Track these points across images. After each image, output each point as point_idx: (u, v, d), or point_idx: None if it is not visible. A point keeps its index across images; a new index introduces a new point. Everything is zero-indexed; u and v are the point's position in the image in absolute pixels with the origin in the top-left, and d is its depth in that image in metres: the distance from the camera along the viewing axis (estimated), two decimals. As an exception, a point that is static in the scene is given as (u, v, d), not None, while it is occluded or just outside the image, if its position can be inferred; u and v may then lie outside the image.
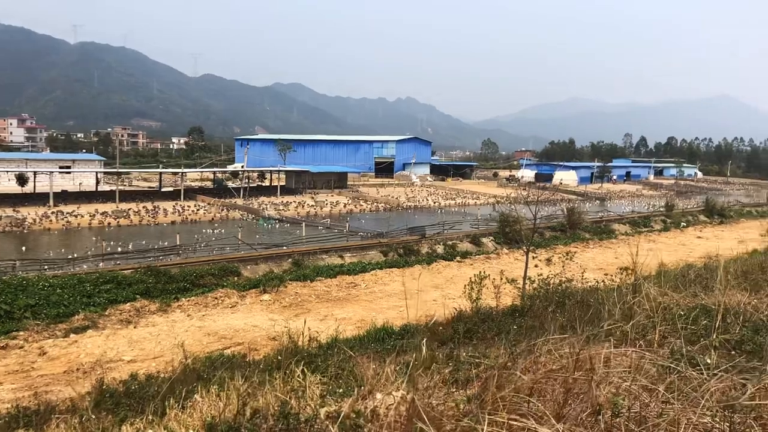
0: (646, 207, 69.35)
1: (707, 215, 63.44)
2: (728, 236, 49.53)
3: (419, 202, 67.57)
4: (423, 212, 60.09)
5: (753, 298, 8.28)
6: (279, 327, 19.23)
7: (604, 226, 50.25)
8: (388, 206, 62.67)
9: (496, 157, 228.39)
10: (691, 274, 12.54)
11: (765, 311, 7.20)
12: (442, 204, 67.48)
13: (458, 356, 6.52)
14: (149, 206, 52.74)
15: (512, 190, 73.72)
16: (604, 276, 19.49)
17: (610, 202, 78.78)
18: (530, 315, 11.72)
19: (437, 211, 61.43)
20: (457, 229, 43.38)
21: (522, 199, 43.84)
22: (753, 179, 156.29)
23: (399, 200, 66.36)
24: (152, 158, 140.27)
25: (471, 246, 39.20)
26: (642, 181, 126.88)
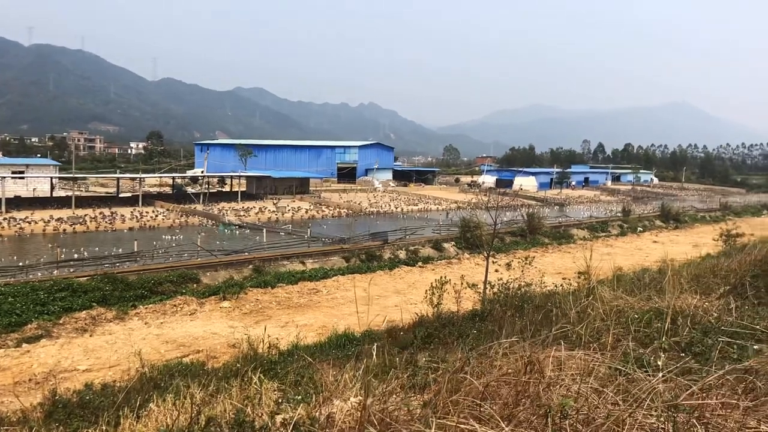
0: (604, 212, 70.72)
1: (663, 220, 65.01)
2: (683, 241, 50.84)
3: (382, 207, 67.68)
4: (385, 218, 60.17)
5: (704, 301, 8.52)
6: (239, 334, 19.02)
7: (563, 231, 51.09)
8: (351, 212, 62.62)
9: (458, 162, 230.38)
10: (646, 278, 12.82)
11: (715, 314, 7.42)
12: (405, 209, 67.71)
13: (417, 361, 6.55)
14: (106, 212, 51.65)
15: (473, 196, 74.49)
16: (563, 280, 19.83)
17: (569, 208, 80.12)
18: (490, 319, 11.84)
19: (400, 216, 61.61)
20: (420, 235, 43.56)
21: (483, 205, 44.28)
22: (707, 185, 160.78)
23: (361, 206, 66.37)
24: (110, 163, 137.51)
25: (433, 251, 39.42)
26: (600, 187, 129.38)
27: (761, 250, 13.21)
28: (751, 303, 9.00)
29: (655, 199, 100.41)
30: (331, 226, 51.50)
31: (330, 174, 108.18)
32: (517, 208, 67.69)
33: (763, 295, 9.67)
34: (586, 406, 3.02)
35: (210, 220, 51.50)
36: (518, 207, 69.19)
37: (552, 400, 2.97)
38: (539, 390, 3.10)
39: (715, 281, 11.20)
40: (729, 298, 9.09)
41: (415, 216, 62.30)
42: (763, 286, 10.23)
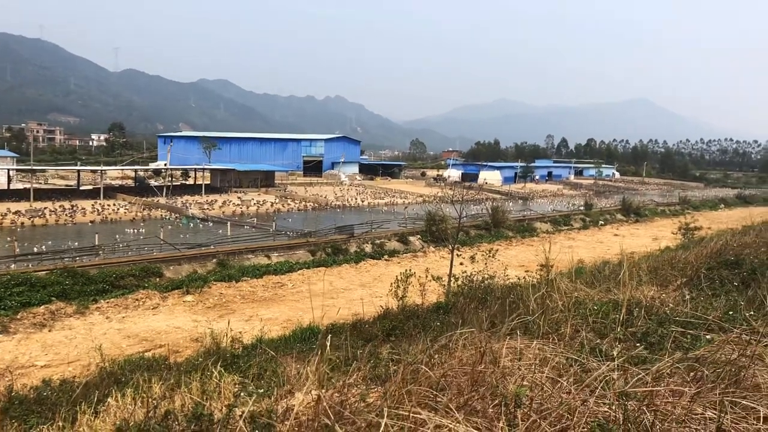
0: (567, 206, 71.79)
1: (624, 214, 66.28)
2: (643, 234, 51.93)
3: (348, 201, 67.58)
4: (352, 211, 60.13)
5: (661, 293, 8.73)
6: (202, 328, 18.82)
7: (526, 225, 51.71)
8: (317, 205, 62.40)
9: (425, 156, 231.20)
10: (605, 271, 13.06)
11: (671, 304, 7.60)
12: (371, 203, 67.73)
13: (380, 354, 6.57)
14: (66, 205, 50.52)
15: (439, 190, 74.86)
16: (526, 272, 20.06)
17: (533, 202, 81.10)
18: (454, 311, 11.94)
19: (366, 210, 61.61)
20: (386, 228, 43.64)
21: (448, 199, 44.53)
22: (667, 179, 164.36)
23: (327, 199, 66.18)
24: (70, 155, 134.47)
25: (399, 244, 39.54)
26: (563, 181, 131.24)
27: (717, 243, 13.56)
28: (706, 294, 9.21)
29: (617, 193, 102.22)
30: (296, 219, 51.25)
31: (296, 167, 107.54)
32: (481, 201, 68.28)
33: (717, 286, 9.92)
34: (540, 395, 3.08)
35: (173, 213, 50.78)
36: (483, 201, 69.81)
37: (507, 390, 3.02)
38: (494, 380, 3.14)
39: (672, 273, 11.46)
40: (685, 289, 9.32)
41: (381, 209, 62.37)
42: (717, 277, 10.49)
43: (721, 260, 11.49)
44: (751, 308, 6.82)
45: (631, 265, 11.49)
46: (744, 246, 12.76)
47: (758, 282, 8.92)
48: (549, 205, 73.44)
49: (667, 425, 2.85)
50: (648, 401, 3.02)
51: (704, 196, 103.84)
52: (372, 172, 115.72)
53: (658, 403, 3.02)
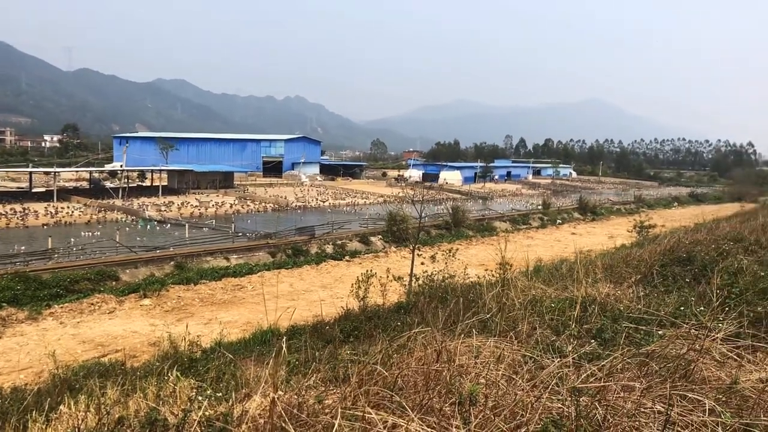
0: (525, 205, 72.76)
1: (581, 213, 67.51)
2: (600, 232, 52.97)
3: (309, 202, 67.24)
4: (313, 212, 59.86)
5: (616, 290, 8.90)
6: (160, 332, 18.51)
7: (486, 224, 52.23)
8: (277, 206, 61.92)
9: (385, 157, 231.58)
10: (563, 269, 13.28)
11: (625, 301, 7.77)
12: (332, 204, 67.51)
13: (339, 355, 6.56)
14: (18, 208, 49.04)
15: (400, 190, 75.07)
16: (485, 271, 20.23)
17: (493, 201, 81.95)
18: (414, 311, 11.98)
19: (327, 210, 61.38)
20: (347, 229, 43.55)
21: (409, 199, 44.73)
22: (622, 179, 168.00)
23: (288, 200, 65.73)
24: (22, 157, 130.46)
25: (360, 245, 39.51)
26: (522, 181, 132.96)
27: (670, 241, 13.91)
28: (659, 291, 9.44)
29: (574, 192, 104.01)
30: (256, 221, 50.77)
31: (255, 168, 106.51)
32: (442, 201, 68.70)
33: (670, 282, 10.17)
34: (495, 392, 3.12)
35: (130, 215, 49.78)
36: (443, 201, 70.25)
37: (463, 388, 3.06)
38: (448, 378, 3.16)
39: (627, 270, 11.71)
40: (639, 286, 9.54)
41: (343, 210, 62.23)
42: (670, 274, 10.77)
43: (673, 257, 11.80)
44: (701, 304, 7.02)
45: (587, 263, 11.72)
46: (696, 243, 13.11)
47: (708, 278, 9.18)
48: (508, 205, 74.27)
49: (618, 419, 2.92)
50: (600, 396, 3.08)
51: (658, 194, 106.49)
52: (333, 172, 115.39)
53: (610, 398, 3.09)
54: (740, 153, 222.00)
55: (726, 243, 13.00)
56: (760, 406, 3.37)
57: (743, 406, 3.47)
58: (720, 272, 9.06)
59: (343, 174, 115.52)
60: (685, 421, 3.02)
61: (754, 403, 3.42)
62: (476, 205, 70.79)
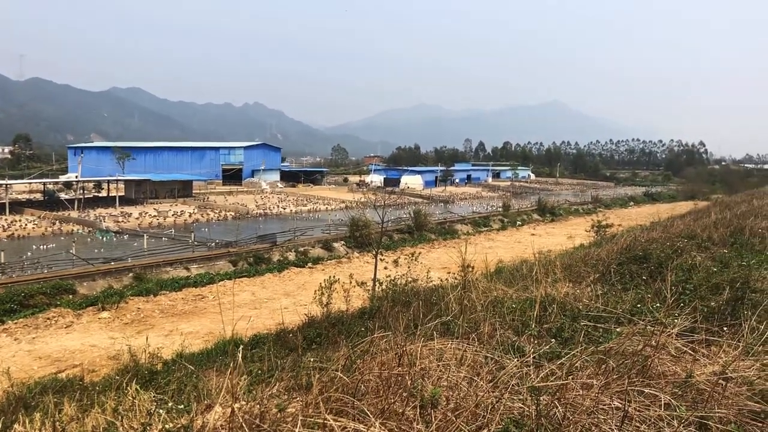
0: (486, 208, 73.45)
1: (540, 214, 68.47)
2: (559, 233, 53.78)
3: (270, 209, 66.72)
4: (274, 219, 59.42)
5: (575, 289, 9.05)
6: (119, 345, 18.11)
7: (448, 227, 52.58)
8: (237, 214, 61.28)
9: (347, 162, 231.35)
10: (523, 270, 13.43)
11: (584, 300, 7.89)
12: (294, 210, 67.12)
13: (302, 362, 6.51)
14: (-34, 222, 47.48)
15: (362, 195, 75.09)
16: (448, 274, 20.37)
17: (454, 204, 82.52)
18: (378, 316, 11.97)
19: (289, 217, 60.99)
20: (309, 236, 43.34)
21: (371, 204, 44.74)
22: (579, 179, 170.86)
23: (248, 208, 65.10)
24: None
25: (323, 251, 39.39)
26: (482, 184, 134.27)
27: (627, 239, 14.20)
28: (617, 289, 9.62)
29: (533, 194, 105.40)
30: (216, 229, 50.15)
31: (214, 176, 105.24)
32: (404, 206, 68.91)
33: (627, 280, 10.37)
34: (457, 394, 3.14)
35: (86, 227, 48.64)
36: (405, 205, 70.47)
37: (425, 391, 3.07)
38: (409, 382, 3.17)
39: (585, 270, 11.90)
40: (597, 285, 9.71)
41: (304, 217, 61.92)
42: (627, 272, 10.98)
43: (630, 255, 12.04)
44: (657, 300, 7.18)
45: (546, 264, 11.88)
46: (651, 241, 13.40)
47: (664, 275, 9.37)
48: (469, 208, 74.89)
49: (577, 417, 2.96)
50: (559, 395, 3.12)
51: (615, 194, 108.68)
52: (294, 179, 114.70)
53: (569, 396, 3.13)
54: (692, 152, 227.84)
55: (680, 240, 13.33)
56: (714, 399, 3.46)
57: (698, 399, 3.56)
58: (674, 269, 9.29)
59: (304, 180, 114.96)
60: (643, 416, 3.08)
61: (708, 396, 3.51)
62: (438, 208, 71.22)
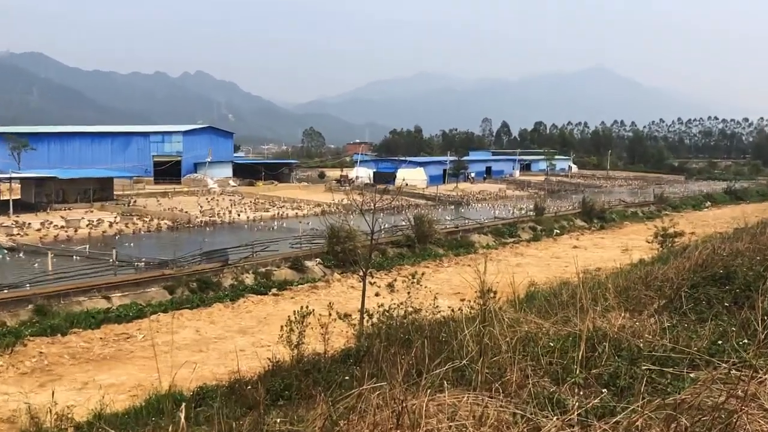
0: (512, 211, 73.56)
1: (585, 219, 68.75)
2: (610, 244, 54.05)
3: (219, 215, 66.68)
4: (225, 229, 59.39)
5: (633, 321, 9.06)
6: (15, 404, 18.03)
7: (461, 238, 52.71)
8: (175, 223, 61.22)
9: (323, 151, 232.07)
10: (563, 295, 13.45)
11: (646, 335, 7.89)
12: (252, 217, 67.10)
13: (266, 425, 6.50)
14: None
15: (344, 196, 75.09)
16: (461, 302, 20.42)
17: (469, 207, 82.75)
18: (368, 360, 11.97)
19: (245, 227, 60.98)
20: (273, 251, 43.33)
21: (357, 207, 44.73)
22: (638, 172, 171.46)
23: (190, 214, 65.05)
24: None
25: (292, 272, 39.42)
26: (506, 179, 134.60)
27: (703, 252, 14.17)
28: (689, 320, 9.62)
29: (575, 192, 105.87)
30: (147, 244, 50.07)
31: (144, 171, 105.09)
32: (402, 209, 69.04)
33: (703, 308, 10.34)
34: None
35: (-32, 242, 48.51)
36: (403, 208, 70.59)
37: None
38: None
39: (647, 294, 11.92)
40: (663, 314, 9.72)
41: (266, 226, 61.91)
42: (703, 297, 10.96)
43: (707, 275, 12.02)
44: (744, 335, 7.17)
45: (594, 286, 11.92)
46: (736, 255, 13.38)
47: (753, 301, 9.35)
48: (490, 211, 74.98)
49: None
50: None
51: (686, 191, 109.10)
52: (251, 174, 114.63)
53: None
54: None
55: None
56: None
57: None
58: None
59: (266, 176, 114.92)
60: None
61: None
62: (447, 213, 71.45)
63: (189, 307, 31.78)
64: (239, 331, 28.19)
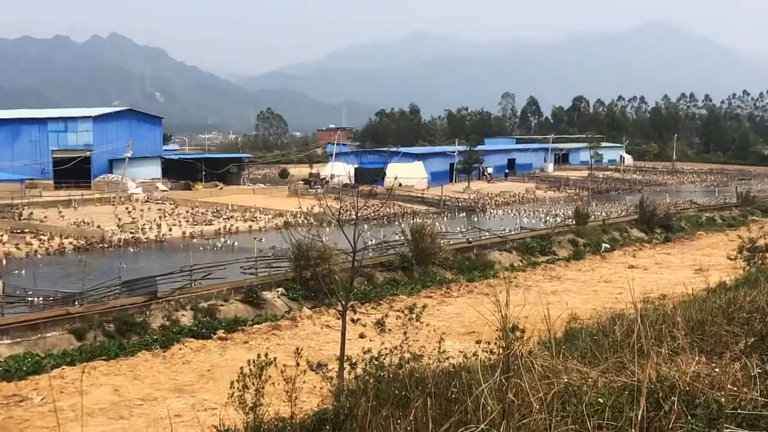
0: (545, 220, 73.75)
1: (643, 229, 68.68)
2: (678, 262, 54.04)
3: (145, 231, 66.60)
4: (153, 250, 59.36)
5: (713, 367, 9.08)
6: None
7: (475, 257, 52.56)
8: (85, 243, 61.13)
9: (286, 142, 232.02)
10: (616, 333, 13.48)
11: (730, 387, 7.89)
12: (190, 232, 67.05)
13: None
14: None
15: (316, 201, 75.07)
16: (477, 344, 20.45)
17: (485, 215, 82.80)
18: (350, 426, 11.98)
19: (180, 246, 60.89)
20: (219, 279, 43.16)
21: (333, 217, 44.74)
22: (714, 163, 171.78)
23: (105, 230, 65.01)
24: None
25: (245, 308, 39.20)
26: (535, 175, 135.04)
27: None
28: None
29: (630, 191, 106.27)
30: (46, 272, 49.94)
31: (40, 172, 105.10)
32: (395, 219, 69.08)
33: (809, 350, 10.41)
34: None
35: None
36: (397, 218, 70.67)
37: None
38: None
39: (730, 330, 11.97)
40: (753, 357, 9.75)
41: (209, 244, 61.85)
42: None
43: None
44: None
45: (658, 320, 11.97)
46: None
47: None
48: (514, 220, 75.06)
49: None
50: None
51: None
52: (188, 174, 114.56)
53: None
54: None
55: None
56: None
57: None
58: None
59: (208, 177, 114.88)
60: None
61: None
62: (457, 222, 71.47)
63: (104, 358, 31.60)
64: (174, 389, 28.07)
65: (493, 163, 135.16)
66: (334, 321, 33.94)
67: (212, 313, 37.75)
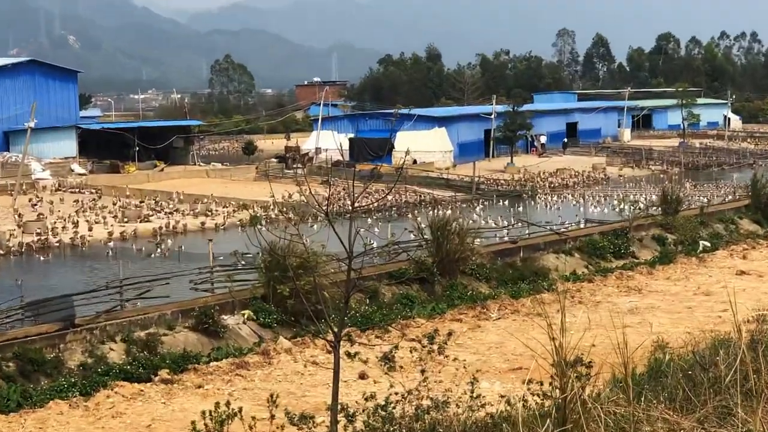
0: (619, 209, 73.58)
1: (758, 219, 68.45)
2: (809, 266, 54.00)
3: (56, 230, 66.78)
4: (68, 258, 59.50)
5: None
6: None
7: (521, 263, 52.45)
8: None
9: (251, 102, 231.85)
10: (720, 367, 13.55)
11: None
12: (119, 233, 67.16)
13: None
14: None
15: (296, 187, 75.07)
16: (524, 384, 20.60)
17: (535, 203, 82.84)
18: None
19: (106, 251, 61.01)
20: (162, 298, 43.25)
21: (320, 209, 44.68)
22: None
23: (0, 231, 65.27)
24: None
25: (198, 337, 39.20)
26: (605, 145, 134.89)
27: None
28: None
29: (738, 166, 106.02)
30: None
31: None
32: (406, 210, 69.12)
33: None
34: None
35: None
36: (411, 209, 70.70)
37: None
38: None
39: None
40: None
41: (145, 249, 61.98)
42: None
43: None
44: None
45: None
46: None
47: None
48: (576, 209, 74.94)
49: None
50: None
51: None
52: (115, 151, 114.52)
53: None
54: None
55: None
56: None
57: None
58: None
59: (143, 154, 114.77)
60: None
61: None
62: (495, 213, 71.40)
63: (1, 411, 31.74)
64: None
65: (546, 129, 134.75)
66: (323, 356, 34.03)
67: (152, 347, 37.68)
